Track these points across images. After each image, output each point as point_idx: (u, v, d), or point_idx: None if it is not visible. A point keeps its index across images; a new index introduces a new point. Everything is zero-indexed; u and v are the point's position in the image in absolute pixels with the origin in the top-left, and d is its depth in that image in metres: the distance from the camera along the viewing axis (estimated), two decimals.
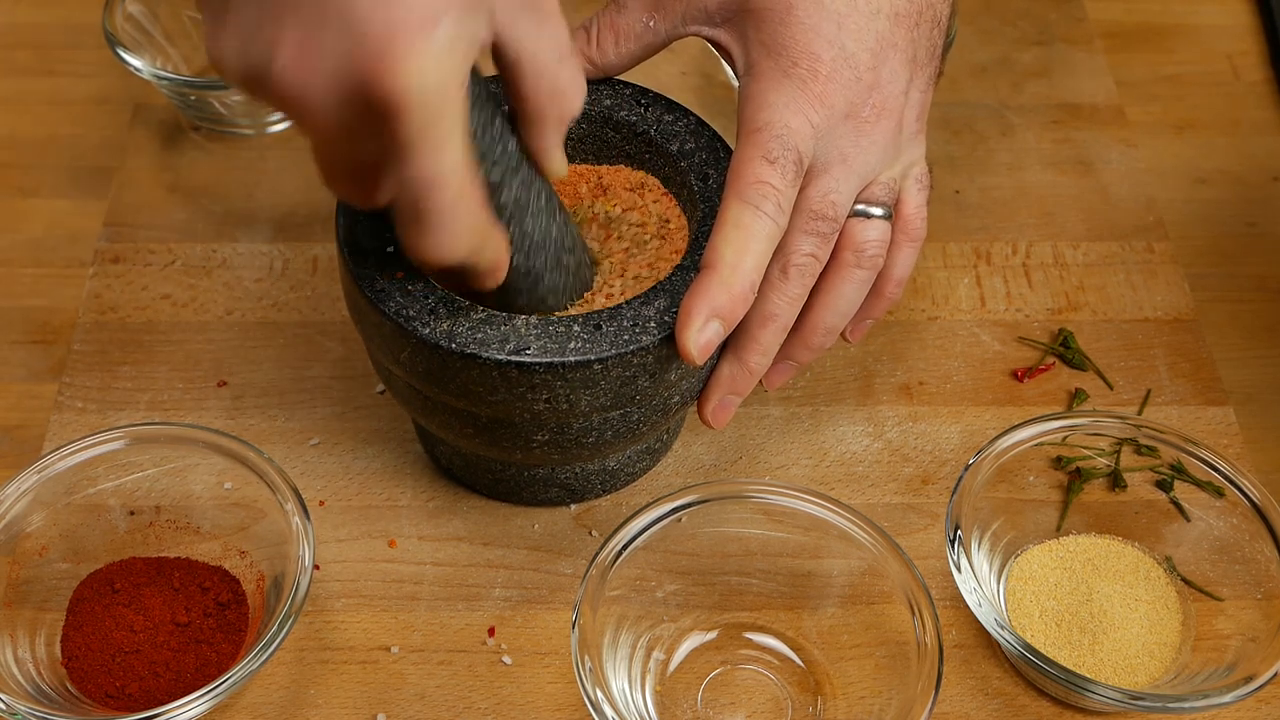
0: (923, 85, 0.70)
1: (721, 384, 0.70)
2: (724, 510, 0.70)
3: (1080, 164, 0.94)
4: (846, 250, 0.70)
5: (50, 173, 0.92)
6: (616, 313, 0.66)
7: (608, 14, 0.73)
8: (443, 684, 0.71)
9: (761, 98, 0.67)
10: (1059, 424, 0.73)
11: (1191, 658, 0.70)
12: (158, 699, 0.68)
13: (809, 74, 0.67)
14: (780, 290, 0.68)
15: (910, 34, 0.69)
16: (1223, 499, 0.72)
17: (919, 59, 0.70)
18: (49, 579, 0.71)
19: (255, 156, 0.92)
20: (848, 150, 0.68)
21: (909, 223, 0.72)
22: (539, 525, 0.76)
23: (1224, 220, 0.92)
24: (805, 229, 0.67)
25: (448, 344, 0.64)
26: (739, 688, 0.70)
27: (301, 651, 0.71)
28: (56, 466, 0.71)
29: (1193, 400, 0.82)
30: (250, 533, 0.72)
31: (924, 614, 0.66)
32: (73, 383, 0.81)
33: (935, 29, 0.70)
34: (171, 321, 0.84)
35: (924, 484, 0.78)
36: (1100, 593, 0.72)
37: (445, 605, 0.73)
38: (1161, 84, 0.99)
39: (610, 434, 0.69)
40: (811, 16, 0.67)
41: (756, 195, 0.65)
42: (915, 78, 0.70)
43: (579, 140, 0.75)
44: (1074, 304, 0.86)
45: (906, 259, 0.72)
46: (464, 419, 0.68)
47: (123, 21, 0.90)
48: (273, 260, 0.87)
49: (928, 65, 0.70)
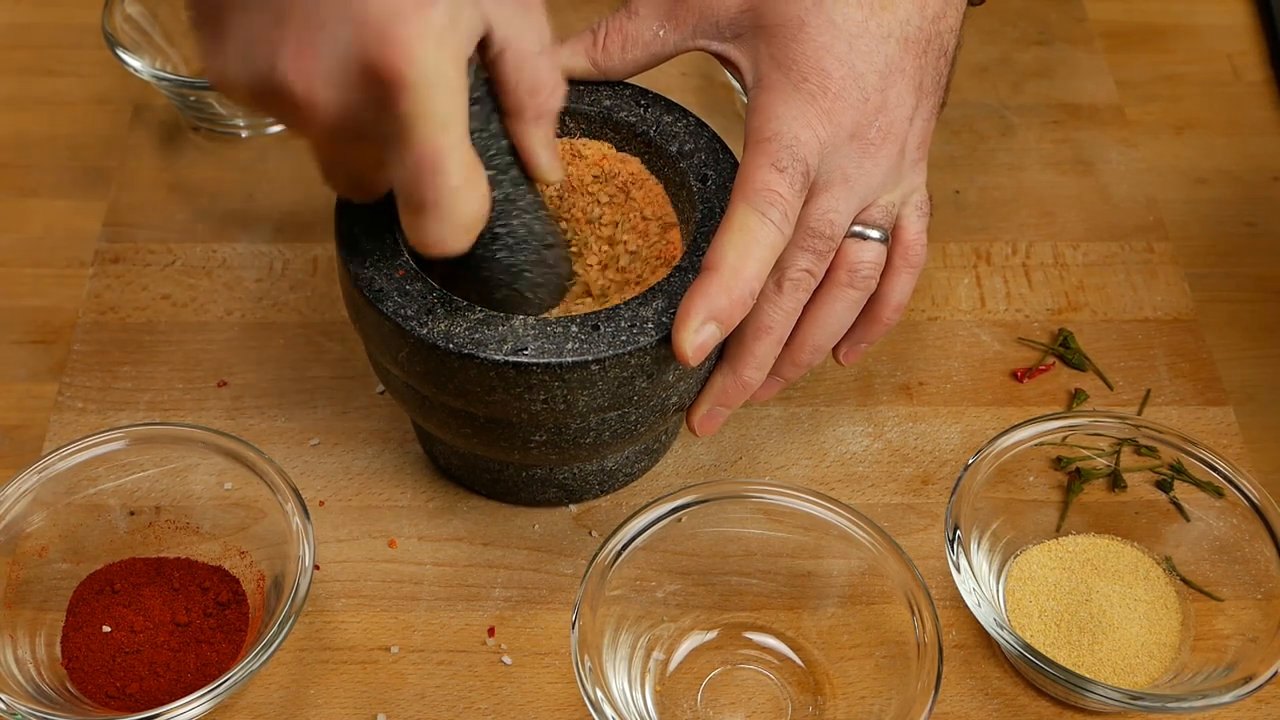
0: (926, 114, 0.71)
1: (713, 394, 0.71)
2: (724, 510, 0.70)
3: (1080, 164, 0.94)
4: (840, 270, 0.70)
5: (50, 173, 0.92)
6: (614, 313, 0.66)
7: (618, 18, 0.73)
8: (443, 684, 0.71)
9: (770, 109, 0.67)
10: (1059, 424, 0.73)
11: (1191, 658, 0.70)
12: (158, 699, 0.68)
13: (818, 90, 0.67)
14: (775, 303, 0.68)
15: (918, 61, 0.69)
16: (1222, 499, 0.72)
17: (925, 87, 0.70)
18: (49, 579, 0.71)
19: (255, 156, 0.92)
20: (850, 170, 0.68)
21: (908, 249, 0.72)
22: (539, 525, 0.76)
23: (1224, 220, 0.92)
24: (802, 245, 0.68)
25: (445, 344, 0.65)
26: (739, 688, 0.70)
27: (301, 651, 0.72)
28: (56, 466, 0.71)
29: (1192, 400, 0.82)
30: (250, 533, 0.72)
31: (924, 614, 0.66)
32: (73, 383, 0.81)
33: (942, 59, 0.71)
34: (171, 321, 0.84)
35: (924, 484, 0.78)
36: (1100, 593, 0.72)
37: (445, 605, 0.73)
38: (1161, 84, 0.99)
39: (608, 434, 0.69)
40: (824, 34, 0.67)
41: (764, 202, 0.65)
42: (920, 105, 0.70)
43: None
44: (1074, 304, 0.86)
45: (905, 285, 0.72)
46: (462, 419, 0.68)
47: (122, 22, 0.90)
48: (273, 260, 0.87)
49: (933, 94, 0.71)
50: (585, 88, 0.74)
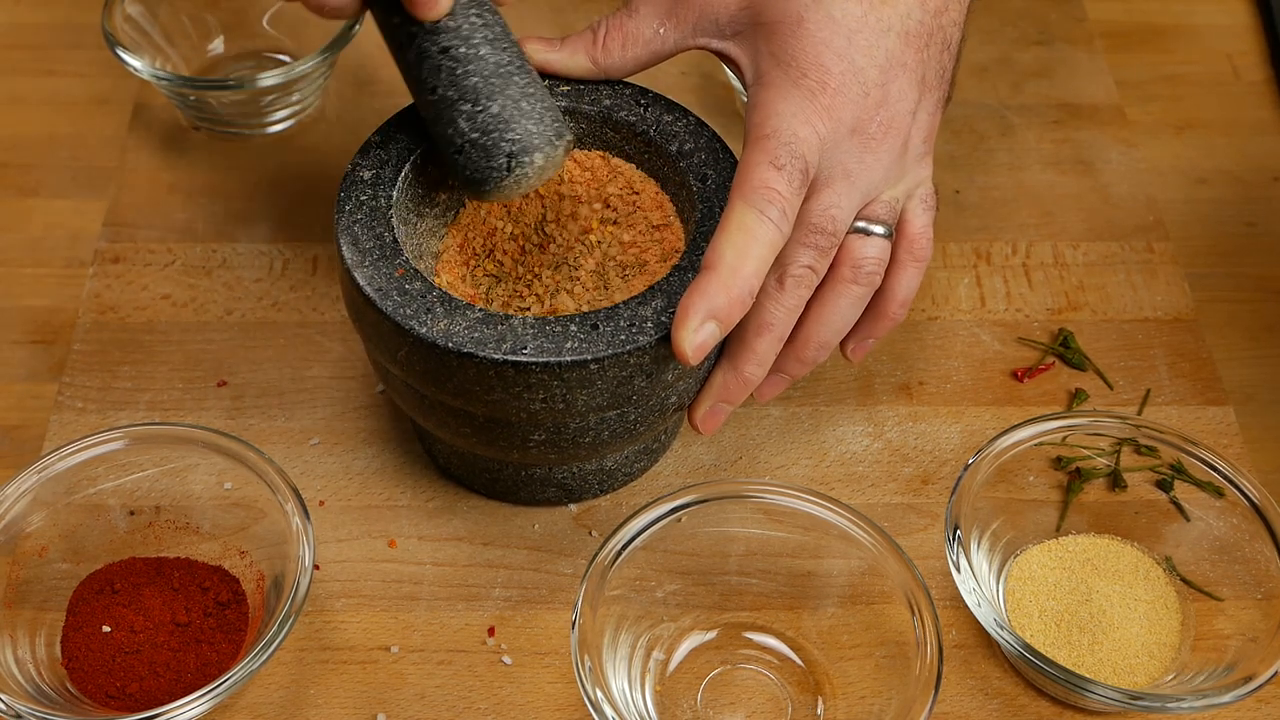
0: (931, 107, 0.70)
1: (714, 391, 0.70)
2: (724, 510, 0.70)
3: (1080, 164, 0.94)
4: (844, 266, 0.70)
5: (50, 173, 0.92)
6: (613, 313, 0.66)
7: (618, 17, 0.73)
8: (443, 684, 0.71)
9: (770, 106, 0.67)
10: (1059, 424, 0.73)
11: (1191, 658, 0.70)
12: (158, 699, 0.68)
13: (818, 86, 0.67)
14: (776, 300, 0.68)
15: (920, 55, 0.69)
16: (1222, 499, 0.72)
17: (928, 80, 0.70)
18: (49, 579, 0.71)
19: (255, 156, 0.92)
20: (851, 166, 0.68)
21: (914, 243, 0.72)
22: (539, 525, 0.76)
23: (1224, 220, 0.92)
24: (804, 241, 0.68)
25: (445, 343, 0.65)
26: (739, 688, 0.70)
27: (301, 651, 0.72)
28: (56, 466, 0.71)
29: (1193, 400, 0.82)
30: (250, 533, 0.72)
31: (924, 614, 0.66)
32: (73, 383, 0.81)
33: (945, 52, 0.70)
34: (171, 321, 0.84)
35: (924, 484, 0.78)
36: (1100, 593, 0.72)
37: (445, 605, 0.73)
38: (1161, 84, 0.99)
39: (607, 434, 0.69)
40: (822, 30, 0.67)
41: (762, 200, 0.65)
42: (924, 99, 0.70)
43: (579, 139, 0.75)
44: (1074, 304, 0.86)
45: (911, 279, 0.72)
46: (461, 418, 0.68)
47: (122, 22, 0.90)
48: (273, 260, 0.87)
49: (937, 88, 0.71)
50: (585, 87, 0.75)
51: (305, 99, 0.92)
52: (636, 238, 0.72)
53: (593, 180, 0.74)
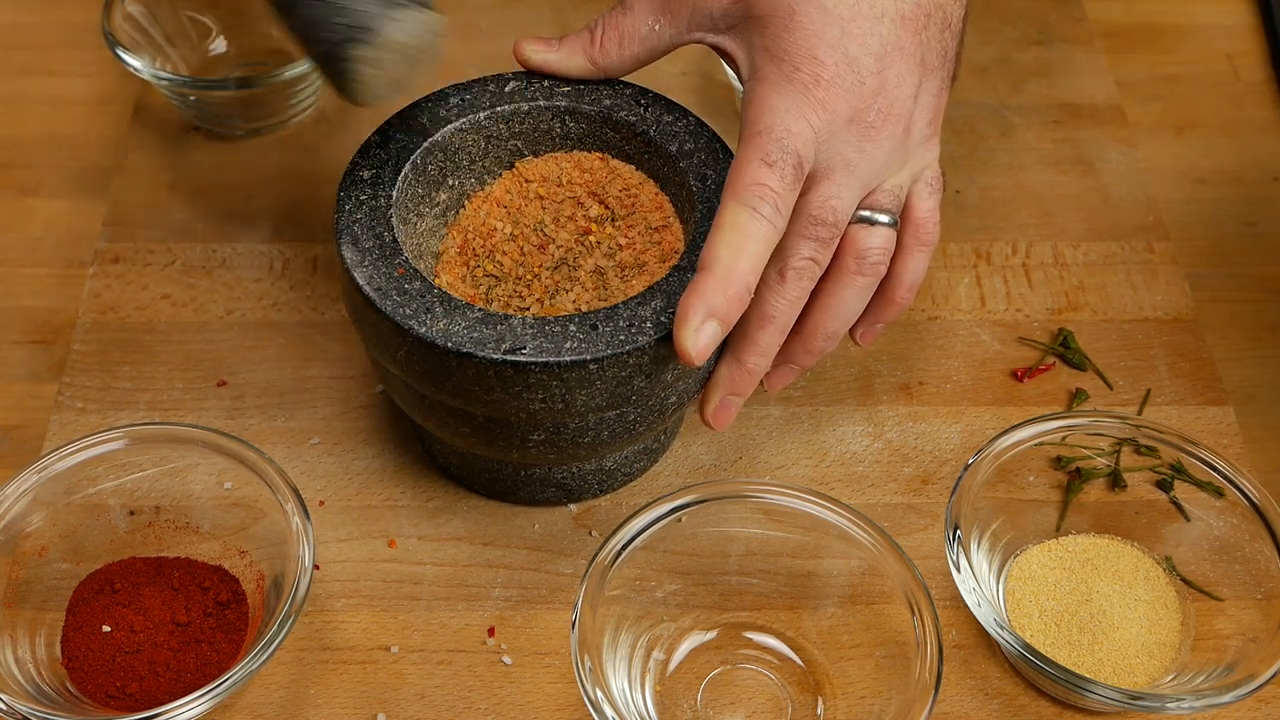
0: (934, 89, 0.70)
1: (721, 384, 0.70)
2: (724, 510, 0.70)
3: (1080, 164, 0.93)
4: (848, 256, 0.69)
5: (50, 173, 0.92)
6: (613, 313, 0.66)
7: (613, 15, 0.73)
8: (443, 684, 0.71)
9: (763, 102, 0.67)
10: (1059, 424, 0.73)
11: (1191, 658, 0.70)
12: (158, 699, 0.68)
13: (811, 79, 0.66)
14: (778, 292, 0.68)
15: (918, 37, 0.68)
16: (1222, 499, 0.72)
17: (929, 62, 0.69)
18: (49, 579, 0.71)
19: (255, 156, 0.92)
20: (851, 155, 0.68)
21: (920, 226, 0.72)
22: (539, 525, 0.76)
23: (1224, 220, 0.92)
24: (805, 234, 0.67)
25: (444, 343, 0.65)
26: (739, 688, 0.70)
27: (301, 651, 0.71)
28: (56, 466, 0.71)
29: (1193, 400, 0.82)
30: (250, 533, 0.72)
31: (924, 614, 0.66)
32: (73, 383, 0.81)
33: (946, 31, 0.70)
34: (171, 321, 0.84)
35: (924, 484, 0.78)
36: (1100, 593, 0.72)
37: (445, 605, 0.73)
38: (1161, 84, 0.99)
39: (607, 434, 0.69)
40: (815, 21, 0.67)
41: (754, 197, 0.65)
42: (926, 81, 0.69)
43: (579, 140, 0.75)
44: (1074, 304, 0.86)
45: (918, 264, 0.72)
46: (460, 418, 0.68)
47: (122, 21, 0.90)
48: (273, 260, 0.87)
49: (939, 69, 0.70)
50: (585, 87, 0.75)
51: (305, 99, 0.92)
52: (636, 238, 0.72)
53: (592, 181, 0.74)
